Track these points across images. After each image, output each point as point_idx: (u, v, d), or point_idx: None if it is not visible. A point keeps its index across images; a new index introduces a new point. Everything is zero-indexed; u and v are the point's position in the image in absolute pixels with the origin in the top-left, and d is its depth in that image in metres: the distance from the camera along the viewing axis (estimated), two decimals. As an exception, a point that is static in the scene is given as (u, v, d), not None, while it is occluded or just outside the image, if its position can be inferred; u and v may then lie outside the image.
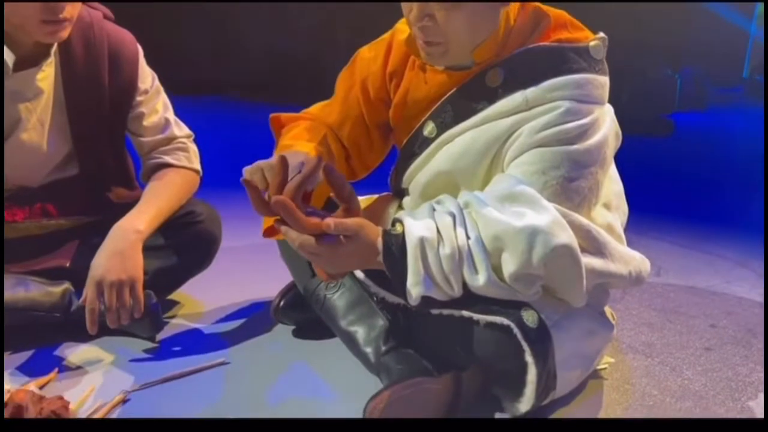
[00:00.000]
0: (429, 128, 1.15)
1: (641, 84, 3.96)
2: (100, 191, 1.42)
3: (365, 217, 1.01)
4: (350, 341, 1.24)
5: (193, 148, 1.48)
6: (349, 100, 1.24)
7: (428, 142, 1.15)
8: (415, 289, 1.00)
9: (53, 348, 1.31)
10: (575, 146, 1.05)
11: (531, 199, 1.01)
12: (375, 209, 1.27)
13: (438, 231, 1.01)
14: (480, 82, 1.10)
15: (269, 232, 1.14)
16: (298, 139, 1.15)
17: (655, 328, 1.51)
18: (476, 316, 1.04)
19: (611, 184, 1.19)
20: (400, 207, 1.27)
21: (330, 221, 0.94)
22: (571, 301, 1.08)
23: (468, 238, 1.01)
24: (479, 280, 1.00)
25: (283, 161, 0.95)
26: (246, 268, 1.75)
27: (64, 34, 1.23)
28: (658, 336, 1.47)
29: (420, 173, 1.18)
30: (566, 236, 1.00)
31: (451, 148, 1.13)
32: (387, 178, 1.31)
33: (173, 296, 1.52)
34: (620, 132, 1.17)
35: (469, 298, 1.03)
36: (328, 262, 0.99)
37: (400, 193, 1.27)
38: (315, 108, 1.28)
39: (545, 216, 0.99)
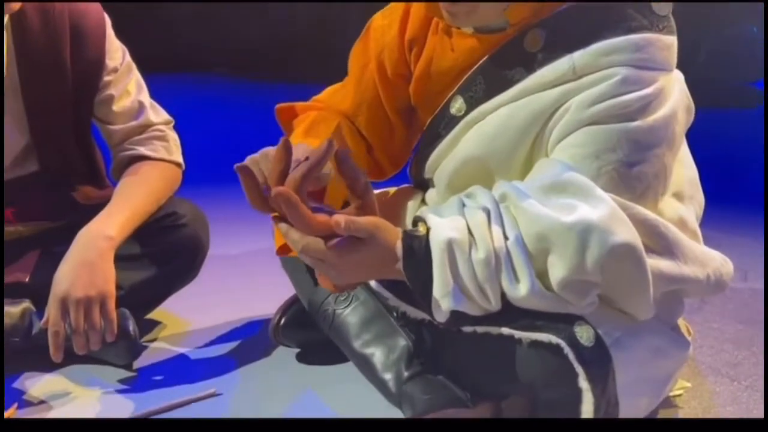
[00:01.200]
0: (457, 104, 1.15)
1: (719, 45, 3.91)
2: (63, 191, 1.44)
3: (381, 215, 1.00)
4: (366, 366, 1.24)
5: (173, 136, 1.49)
6: (364, 81, 1.24)
7: (456, 121, 1.15)
8: (442, 302, 1.00)
9: (12, 379, 1.32)
10: (636, 123, 1.03)
11: (583, 189, 1.01)
12: (392, 205, 1.27)
13: (469, 231, 1.01)
14: (517, 47, 1.09)
15: (285, 249, 1.14)
16: (306, 137, 1.15)
17: (741, 345, 1.50)
18: (518, 334, 1.04)
19: (682, 168, 1.18)
20: (423, 202, 1.27)
21: (340, 219, 0.94)
22: (635, 313, 1.07)
23: (506, 238, 1.00)
24: (521, 289, 1.00)
25: (286, 145, 0.95)
26: (239, 280, 1.76)
27: (14, 5, 1.24)
28: (746, 355, 1.46)
29: (446, 160, 1.17)
30: (627, 233, 0.99)
31: (483, 128, 1.12)
32: (407, 167, 1.31)
33: (153, 315, 1.54)
34: (693, 105, 1.16)
35: (509, 311, 1.02)
36: (335, 269, 0.99)
37: (423, 185, 1.27)
38: (326, 93, 1.30)
39: (601, 209, 0.98)
